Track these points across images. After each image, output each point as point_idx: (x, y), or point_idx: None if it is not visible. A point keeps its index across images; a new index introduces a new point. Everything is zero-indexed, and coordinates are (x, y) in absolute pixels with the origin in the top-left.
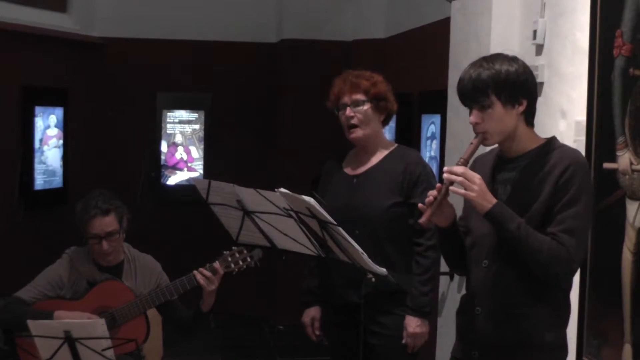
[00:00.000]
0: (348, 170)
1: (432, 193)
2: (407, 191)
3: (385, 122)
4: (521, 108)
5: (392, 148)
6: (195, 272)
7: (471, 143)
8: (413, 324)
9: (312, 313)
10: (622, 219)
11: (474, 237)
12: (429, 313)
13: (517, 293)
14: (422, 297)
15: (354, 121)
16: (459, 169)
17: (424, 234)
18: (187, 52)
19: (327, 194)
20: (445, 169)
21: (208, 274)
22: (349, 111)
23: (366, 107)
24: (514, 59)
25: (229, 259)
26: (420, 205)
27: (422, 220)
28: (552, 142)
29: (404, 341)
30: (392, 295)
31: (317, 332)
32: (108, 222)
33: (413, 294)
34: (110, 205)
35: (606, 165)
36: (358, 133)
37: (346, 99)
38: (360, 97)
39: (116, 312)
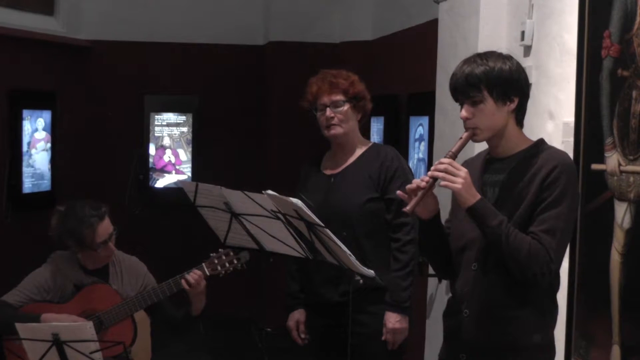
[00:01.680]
0: (326, 171)
1: (417, 181)
2: (384, 186)
3: (360, 121)
4: (512, 106)
5: (368, 146)
6: (183, 276)
7: (460, 138)
8: (392, 320)
9: (296, 317)
10: (611, 220)
11: (464, 240)
12: (409, 308)
13: (505, 295)
14: (402, 292)
15: (334, 122)
16: (445, 160)
17: (401, 229)
18: (175, 54)
19: (306, 195)
20: (433, 167)
21: (191, 280)
22: (329, 112)
23: (346, 107)
24: (508, 57)
25: (216, 261)
26: (399, 192)
27: (407, 208)
28: (540, 144)
29: (384, 337)
30: (371, 294)
31: (303, 335)
32: (107, 225)
33: (392, 289)
34: (100, 209)
35: (594, 166)
36: (337, 130)
37: (325, 100)
38: (339, 97)
39: (103, 315)
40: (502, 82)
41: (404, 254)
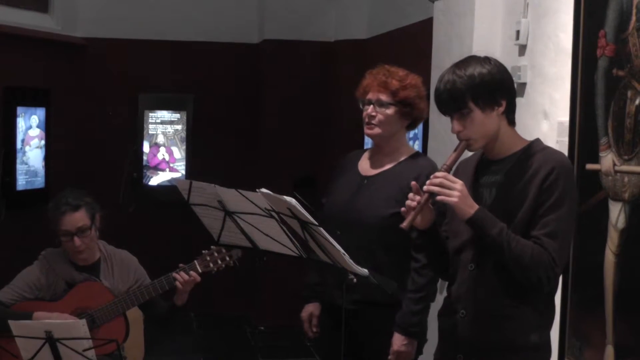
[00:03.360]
0: (361, 170)
1: (414, 197)
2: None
3: (410, 127)
4: (501, 109)
5: (409, 154)
6: (175, 274)
7: (455, 150)
8: (398, 342)
9: (310, 309)
10: (605, 220)
11: (461, 241)
12: (417, 333)
13: (502, 296)
14: (412, 316)
15: (374, 121)
16: (440, 174)
17: (424, 250)
18: (169, 52)
19: (336, 189)
20: (428, 182)
21: (186, 277)
22: (371, 109)
23: (390, 110)
24: (486, 60)
25: (208, 258)
26: (403, 210)
27: (404, 225)
28: (535, 144)
29: (389, 357)
30: (383, 309)
31: (315, 329)
32: (78, 218)
33: (403, 311)
34: (81, 201)
35: (589, 166)
36: (375, 131)
37: (371, 96)
38: (385, 98)
39: (95, 313)
40: (486, 89)
41: (421, 277)
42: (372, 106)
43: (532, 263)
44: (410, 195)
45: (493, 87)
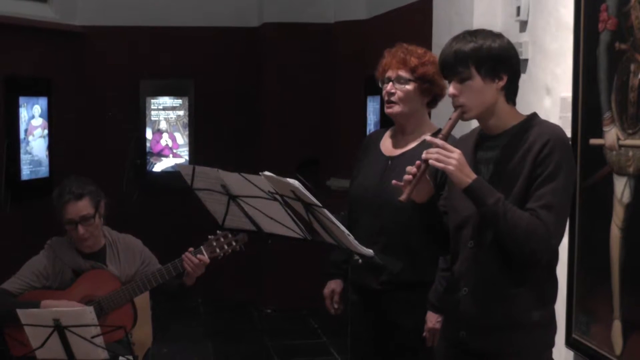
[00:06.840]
0: (384, 150)
1: (411, 170)
2: (442, 180)
3: (430, 105)
4: (501, 83)
5: (432, 133)
6: (183, 256)
7: (450, 118)
8: (433, 319)
9: (332, 286)
10: (610, 195)
11: (461, 218)
12: None
13: (502, 273)
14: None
15: (393, 98)
16: (438, 142)
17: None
18: (169, 38)
19: (361, 171)
20: (425, 151)
21: (195, 260)
22: (390, 86)
23: (409, 86)
24: (498, 35)
25: (214, 243)
26: (394, 182)
27: (402, 198)
28: (532, 118)
29: (424, 334)
30: (411, 288)
31: (336, 306)
32: (82, 207)
33: (436, 289)
34: (84, 189)
35: (593, 141)
36: (395, 109)
37: (391, 73)
38: (404, 74)
39: (103, 301)
40: (490, 59)
41: None
42: (391, 83)
43: (526, 235)
44: (408, 168)
45: (497, 59)
